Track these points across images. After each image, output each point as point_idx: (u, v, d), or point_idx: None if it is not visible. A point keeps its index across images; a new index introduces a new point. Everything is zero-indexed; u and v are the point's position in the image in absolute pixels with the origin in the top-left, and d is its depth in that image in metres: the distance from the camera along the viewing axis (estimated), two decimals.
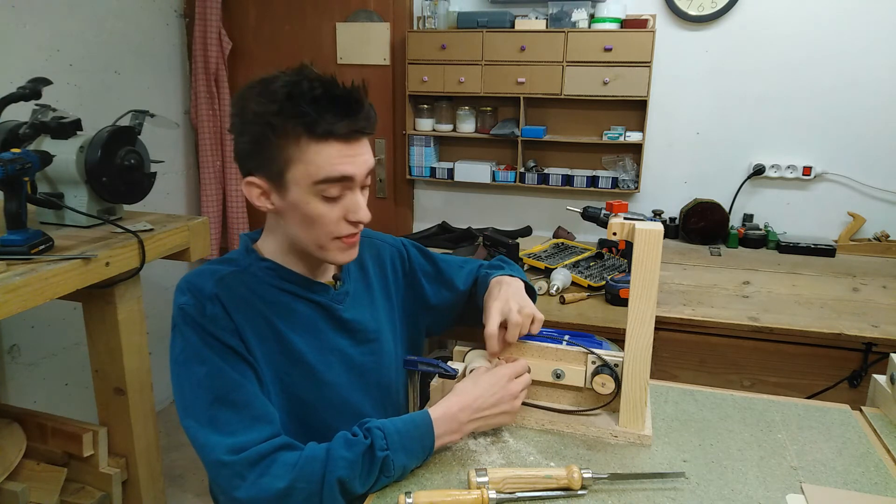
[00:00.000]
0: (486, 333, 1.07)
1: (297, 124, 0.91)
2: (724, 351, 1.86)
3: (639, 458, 0.99)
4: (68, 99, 2.31)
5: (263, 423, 0.92)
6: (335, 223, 0.98)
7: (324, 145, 0.93)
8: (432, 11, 2.60)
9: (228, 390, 0.92)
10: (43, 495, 1.59)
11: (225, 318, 0.96)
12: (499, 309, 1.08)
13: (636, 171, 2.55)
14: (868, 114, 2.40)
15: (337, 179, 0.95)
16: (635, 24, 2.40)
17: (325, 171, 0.93)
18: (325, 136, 0.92)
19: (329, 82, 0.93)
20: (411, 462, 0.94)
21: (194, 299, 0.96)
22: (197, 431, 0.91)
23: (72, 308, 2.20)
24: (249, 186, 0.98)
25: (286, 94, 0.91)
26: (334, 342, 1.07)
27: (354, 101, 0.94)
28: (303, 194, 0.95)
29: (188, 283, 0.99)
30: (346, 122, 0.93)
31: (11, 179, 1.32)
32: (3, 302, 1.21)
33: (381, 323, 1.17)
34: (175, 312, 0.97)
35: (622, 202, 1.92)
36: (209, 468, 0.91)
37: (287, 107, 0.91)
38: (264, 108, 0.92)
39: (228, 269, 1.02)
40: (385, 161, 2.94)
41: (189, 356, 0.94)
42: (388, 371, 1.16)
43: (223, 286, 0.98)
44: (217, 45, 2.83)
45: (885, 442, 1.05)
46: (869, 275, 2.20)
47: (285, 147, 0.93)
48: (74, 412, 2.10)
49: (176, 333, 0.97)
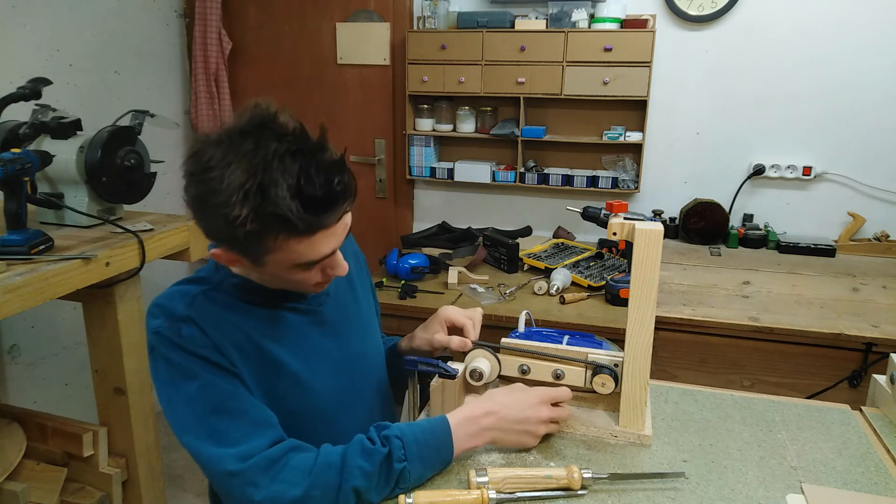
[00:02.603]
0: (440, 342, 1.12)
1: (277, 227, 0.82)
2: (724, 351, 1.86)
3: (639, 458, 0.99)
4: (68, 99, 2.31)
5: (265, 428, 0.90)
6: (314, 279, 0.94)
7: (307, 238, 0.86)
8: (432, 11, 2.60)
9: (223, 400, 0.90)
10: (43, 495, 1.59)
11: (203, 338, 0.91)
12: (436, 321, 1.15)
13: (636, 171, 2.55)
14: (868, 114, 2.40)
15: (318, 261, 0.90)
16: (635, 24, 2.40)
17: (308, 257, 0.88)
18: (309, 233, 0.85)
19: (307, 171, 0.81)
20: (427, 472, 0.92)
21: (168, 321, 0.92)
22: (198, 446, 0.88)
23: (72, 308, 2.21)
24: (216, 255, 0.92)
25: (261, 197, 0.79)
26: (320, 346, 1.05)
27: (338, 192, 0.84)
28: (281, 270, 0.91)
29: (159, 306, 0.94)
30: (332, 214, 0.85)
31: (11, 179, 1.32)
32: (3, 302, 1.21)
33: (366, 318, 1.17)
34: (150, 337, 0.93)
35: (622, 202, 1.92)
36: (219, 481, 0.89)
37: (263, 210, 0.80)
38: (231, 213, 0.79)
39: (199, 288, 0.97)
40: (385, 161, 2.94)
41: (175, 375, 0.91)
42: (376, 369, 1.17)
43: (195, 308, 0.93)
44: (217, 45, 2.83)
45: (885, 442, 1.05)
46: (869, 275, 2.20)
47: (262, 243, 0.84)
48: (74, 412, 2.10)
49: (156, 357, 0.93)
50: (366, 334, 1.16)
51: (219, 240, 0.89)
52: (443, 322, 1.15)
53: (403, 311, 2.06)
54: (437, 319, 1.16)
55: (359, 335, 1.13)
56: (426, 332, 1.17)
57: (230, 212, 0.79)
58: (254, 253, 0.87)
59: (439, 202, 2.97)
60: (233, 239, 0.85)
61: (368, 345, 1.16)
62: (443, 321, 1.15)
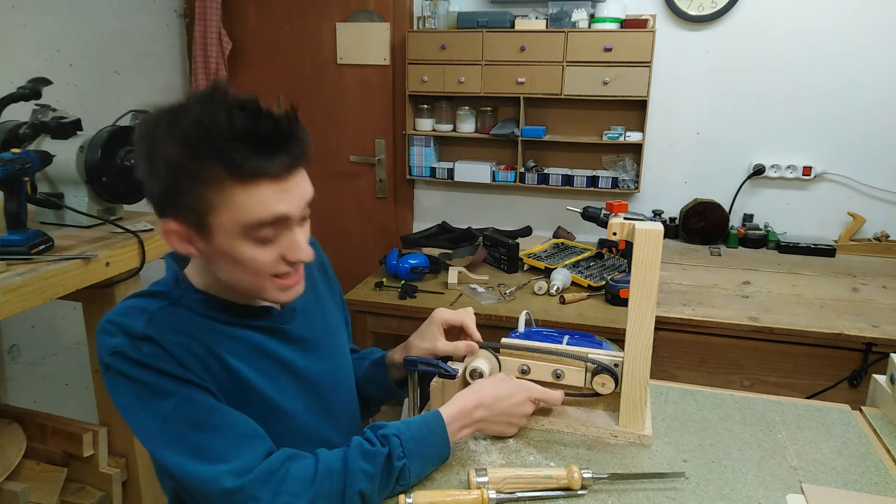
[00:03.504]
0: (444, 351, 1.09)
1: (217, 168, 0.78)
2: (724, 351, 1.86)
3: (639, 458, 0.99)
4: (68, 99, 2.31)
5: (255, 440, 0.86)
6: (272, 265, 0.86)
7: (252, 187, 0.79)
8: (432, 11, 2.60)
9: (205, 415, 0.84)
10: (43, 495, 1.59)
11: (167, 356, 0.85)
12: (432, 325, 1.12)
13: (636, 171, 2.55)
14: (868, 114, 2.40)
15: (270, 222, 0.82)
16: (635, 24, 2.40)
17: (256, 214, 0.81)
18: (252, 178, 0.79)
19: (251, 111, 0.79)
20: (426, 468, 0.92)
21: (128, 339, 0.84)
22: (186, 467, 0.82)
23: (72, 308, 2.21)
24: (167, 232, 0.85)
25: (201, 132, 0.77)
26: (288, 365, 0.98)
27: (284, 133, 0.81)
28: (230, 240, 0.83)
29: (114, 323, 0.86)
30: (278, 159, 0.80)
31: (11, 179, 1.32)
32: (3, 302, 1.21)
33: (334, 332, 1.12)
34: (107, 357, 0.84)
35: (622, 202, 1.92)
36: (215, 500, 0.82)
37: (203, 148, 0.77)
38: (175, 151, 0.78)
39: (157, 304, 0.89)
40: (385, 161, 2.94)
41: (144, 395, 0.84)
42: (345, 385, 1.12)
43: (154, 325, 0.86)
44: (217, 45, 2.83)
45: (885, 442, 1.05)
46: (869, 275, 2.20)
47: (204, 193, 0.79)
48: (74, 412, 2.10)
49: (117, 378, 0.85)
50: (336, 350, 1.10)
51: (164, 203, 0.83)
52: (440, 326, 1.12)
53: (403, 311, 2.06)
54: (433, 324, 1.12)
55: (328, 352, 1.07)
56: (424, 342, 1.11)
57: (170, 151, 0.78)
58: (199, 214, 0.81)
59: (439, 202, 2.97)
60: (176, 194, 0.80)
61: (338, 361, 1.11)
62: (439, 325, 1.12)
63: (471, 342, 1.10)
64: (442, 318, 1.12)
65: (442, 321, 1.12)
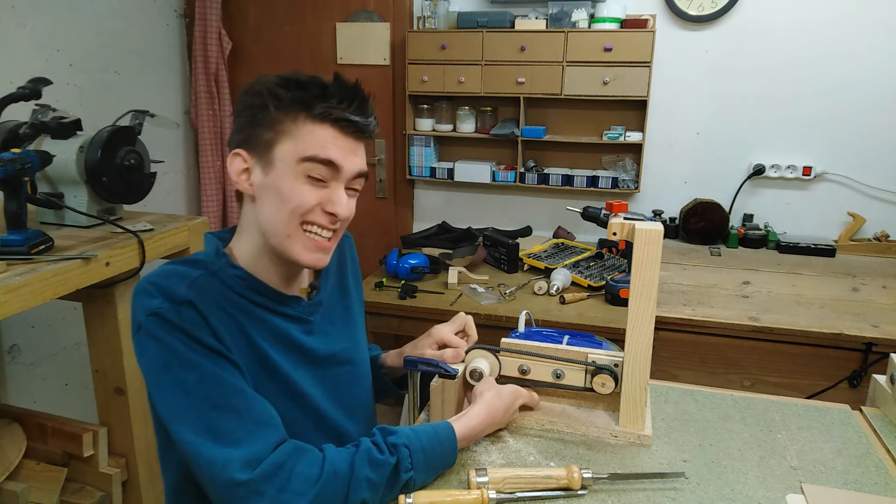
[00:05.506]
0: (448, 340, 1.12)
1: (298, 99, 0.91)
2: (724, 351, 1.86)
3: (639, 458, 0.99)
4: (68, 99, 2.31)
5: (268, 428, 0.87)
6: (311, 206, 0.93)
7: (319, 126, 0.91)
8: (432, 11, 2.60)
9: (226, 395, 0.86)
10: (43, 495, 1.58)
11: (204, 324, 0.88)
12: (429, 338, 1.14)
13: (636, 171, 2.55)
14: (868, 114, 2.40)
15: (323, 161, 0.91)
16: (635, 24, 2.40)
17: (314, 149, 0.91)
18: (322, 117, 0.91)
19: (342, 79, 0.94)
20: (430, 478, 0.93)
21: (168, 302, 0.87)
22: (198, 444, 0.83)
23: (72, 308, 2.20)
24: (234, 158, 0.95)
25: (295, 77, 0.93)
26: (309, 354, 1.02)
27: (360, 97, 0.94)
28: (286, 171, 0.91)
29: (155, 285, 0.89)
30: (347, 111, 0.92)
31: (11, 179, 1.31)
32: (3, 302, 1.21)
33: (356, 327, 1.15)
34: (143, 318, 0.87)
35: (622, 202, 1.92)
36: (220, 489, 0.83)
37: (293, 83, 0.91)
38: (271, 82, 0.93)
39: (197, 272, 0.93)
40: (385, 161, 2.94)
41: (171, 362, 0.85)
42: (363, 378, 1.15)
43: (196, 290, 0.89)
44: (217, 45, 2.83)
45: (885, 442, 1.05)
46: (869, 275, 2.20)
47: (281, 120, 0.91)
48: (74, 412, 2.10)
49: (148, 339, 0.87)
50: (356, 344, 1.14)
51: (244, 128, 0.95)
52: (434, 345, 1.14)
53: (403, 311, 2.06)
54: (429, 338, 1.15)
55: (350, 345, 1.11)
56: (415, 350, 1.15)
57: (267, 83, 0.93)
58: (268, 144, 0.92)
59: (439, 202, 2.97)
60: (255, 126, 0.93)
61: (357, 354, 1.14)
62: (435, 341, 1.14)
63: (458, 350, 1.11)
64: (440, 336, 1.14)
65: (439, 339, 1.14)
